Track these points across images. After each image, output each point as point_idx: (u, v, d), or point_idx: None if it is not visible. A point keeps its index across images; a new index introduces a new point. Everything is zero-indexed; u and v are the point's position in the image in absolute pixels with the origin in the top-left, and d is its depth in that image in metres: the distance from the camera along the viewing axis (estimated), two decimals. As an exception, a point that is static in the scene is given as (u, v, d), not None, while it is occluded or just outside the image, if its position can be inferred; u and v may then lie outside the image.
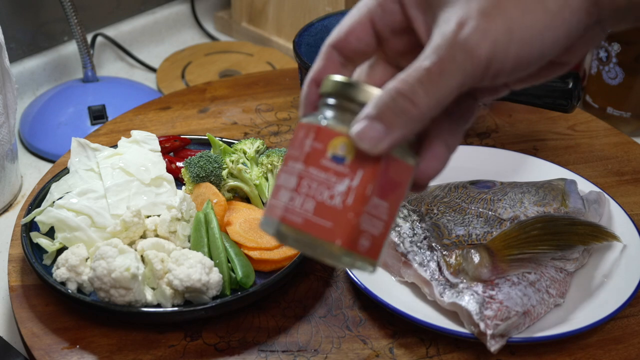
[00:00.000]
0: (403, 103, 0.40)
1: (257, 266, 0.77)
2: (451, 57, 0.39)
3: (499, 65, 0.40)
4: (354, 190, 0.42)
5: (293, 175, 0.43)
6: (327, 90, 0.44)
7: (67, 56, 1.23)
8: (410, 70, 0.40)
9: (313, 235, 0.42)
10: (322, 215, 0.42)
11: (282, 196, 0.43)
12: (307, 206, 0.42)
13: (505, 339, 0.69)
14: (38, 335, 0.72)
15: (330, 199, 0.42)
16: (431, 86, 0.40)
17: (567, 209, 0.81)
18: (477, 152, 0.93)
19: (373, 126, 0.41)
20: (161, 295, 0.73)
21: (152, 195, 0.81)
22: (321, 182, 0.42)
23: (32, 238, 0.78)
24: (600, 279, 0.77)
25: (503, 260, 0.74)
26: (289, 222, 0.43)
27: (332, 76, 0.45)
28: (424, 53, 0.40)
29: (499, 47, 0.39)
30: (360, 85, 0.43)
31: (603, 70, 1.08)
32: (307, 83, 0.47)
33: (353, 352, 0.72)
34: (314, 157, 0.42)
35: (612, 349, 0.72)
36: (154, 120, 1.04)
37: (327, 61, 0.46)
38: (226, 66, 1.27)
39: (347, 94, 0.43)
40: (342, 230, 0.42)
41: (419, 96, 0.40)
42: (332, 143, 0.42)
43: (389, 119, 0.41)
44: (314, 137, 0.43)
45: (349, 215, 0.42)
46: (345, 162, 0.42)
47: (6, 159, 0.92)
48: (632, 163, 0.98)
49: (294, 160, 0.43)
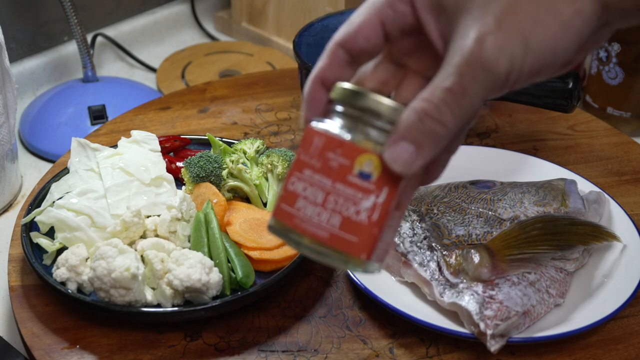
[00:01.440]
0: (431, 124, 0.41)
1: (257, 266, 0.77)
2: (473, 76, 0.40)
3: (515, 76, 0.41)
4: (380, 206, 0.43)
5: (317, 188, 0.44)
6: (349, 100, 0.44)
7: (67, 56, 1.23)
8: (433, 90, 0.41)
9: (338, 249, 0.43)
10: (348, 230, 0.43)
11: (304, 208, 0.44)
12: (333, 221, 0.43)
13: (505, 339, 0.69)
14: (38, 335, 0.72)
15: (356, 214, 0.43)
16: (456, 106, 0.41)
17: (567, 209, 0.81)
18: (477, 152, 0.93)
19: (405, 148, 0.41)
20: (161, 295, 0.73)
21: (152, 195, 0.81)
22: (347, 198, 0.43)
23: (32, 238, 0.78)
24: (600, 279, 0.77)
25: (503, 260, 0.74)
26: (313, 236, 0.44)
27: (352, 86, 0.45)
28: (444, 70, 0.41)
29: (516, 60, 0.40)
30: (385, 100, 0.43)
31: (603, 70, 1.08)
32: (312, 81, 0.46)
33: (353, 352, 0.72)
34: (341, 173, 0.43)
35: (612, 349, 0.72)
36: (154, 120, 1.04)
37: (332, 59, 0.46)
38: (226, 66, 1.27)
39: (372, 109, 0.43)
40: (367, 245, 0.43)
41: (446, 117, 0.41)
42: (359, 160, 0.43)
43: (420, 140, 0.41)
44: (340, 153, 0.43)
45: (374, 231, 0.43)
46: (371, 179, 0.43)
47: (6, 159, 0.92)
48: (632, 163, 0.98)
49: (317, 172, 0.44)
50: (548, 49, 0.41)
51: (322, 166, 0.44)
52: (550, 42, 0.40)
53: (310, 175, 0.44)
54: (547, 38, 0.40)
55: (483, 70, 0.40)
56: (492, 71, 0.40)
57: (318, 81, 0.46)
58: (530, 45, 0.40)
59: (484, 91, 0.40)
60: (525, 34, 0.40)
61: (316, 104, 0.46)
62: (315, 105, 0.46)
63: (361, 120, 0.44)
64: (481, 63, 0.40)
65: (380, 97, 0.44)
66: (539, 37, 0.40)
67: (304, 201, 0.44)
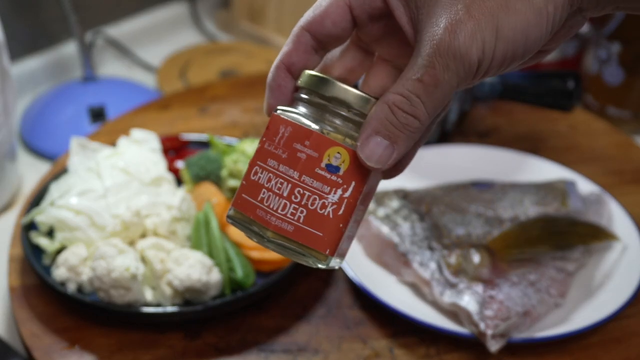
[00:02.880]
0: (405, 118, 0.40)
1: (257, 266, 0.77)
2: (445, 65, 0.39)
3: (487, 65, 0.40)
4: (346, 200, 0.42)
5: (282, 180, 0.42)
6: (316, 89, 0.43)
7: (66, 56, 1.23)
8: (405, 82, 0.40)
9: (302, 243, 0.42)
10: (313, 225, 0.42)
11: (268, 199, 0.42)
12: (298, 214, 0.42)
13: (505, 339, 0.69)
14: (38, 336, 0.72)
15: (322, 208, 0.42)
16: (429, 97, 0.40)
17: (567, 209, 0.81)
18: (477, 152, 0.93)
19: (379, 143, 0.41)
20: (161, 295, 0.73)
21: (152, 195, 0.81)
22: (314, 191, 0.42)
23: (32, 238, 0.78)
24: (600, 279, 0.77)
25: (503, 260, 0.74)
26: (278, 229, 0.42)
27: (321, 74, 0.43)
28: (415, 61, 0.40)
29: (487, 47, 0.39)
30: (354, 90, 0.42)
31: (603, 70, 1.08)
32: (276, 67, 0.44)
33: (353, 352, 0.72)
34: (308, 165, 0.42)
35: (613, 349, 0.72)
36: (154, 120, 1.04)
37: (298, 44, 0.44)
38: (226, 66, 1.27)
39: (342, 99, 0.42)
40: (332, 239, 0.42)
41: (419, 109, 0.40)
42: (328, 152, 0.42)
43: (394, 135, 0.41)
44: (309, 144, 0.42)
45: (340, 226, 0.42)
46: (339, 172, 0.42)
47: (6, 159, 0.92)
48: (632, 163, 0.98)
49: (282, 163, 0.42)
50: (520, 36, 0.40)
51: (288, 157, 0.42)
52: (522, 29, 0.39)
53: (275, 166, 0.43)
54: (518, 25, 0.39)
55: (454, 59, 0.39)
56: (463, 60, 0.39)
57: (283, 67, 0.44)
58: (501, 32, 0.39)
59: (456, 80, 0.40)
60: (496, 21, 0.39)
61: (281, 91, 0.45)
62: (280, 92, 0.45)
63: (329, 111, 0.43)
64: (452, 52, 0.39)
65: (349, 87, 0.42)
66: (510, 24, 0.39)
67: (268, 192, 0.43)
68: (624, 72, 1.06)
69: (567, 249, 0.76)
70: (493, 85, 0.96)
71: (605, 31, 1.05)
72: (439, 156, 0.92)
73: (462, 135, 1.02)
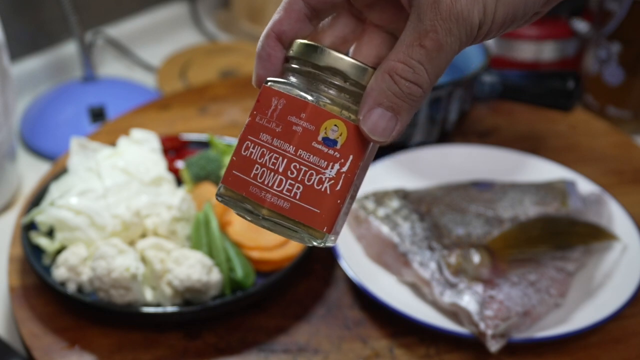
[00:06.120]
0: (408, 87, 0.39)
1: (257, 266, 0.77)
2: (448, 29, 0.38)
3: (487, 27, 0.39)
4: (344, 175, 0.40)
5: (277, 154, 0.40)
6: (310, 58, 0.41)
7: (66, 56, 1.23)
8: (405, 48, 0.38)
9: (299, 221, 0.40)
10: (310, 202, 0.40)
11: (262, 175, 0.40)
12: (294, 191, 0.40)
13: (505, 339, 0.69)
14: (37, 335, 0.72)
15: (318, 183, 0.40)
16: (431, 63, 0.38)
17: (567, 209, 0.81)
18: (477, 152, 0.93)
19: (383, 115, 0.39)
20: (161, 295, 0.73)
21: (152, 195, 0.81)
22: (310, 166, 0.40)
23: (32, 238, 0.78)
24: (600, 279, 0.77)
25: (503, 260, 0.74)
26: (273, 207, 0.40)
27: (314, 43, 0.41)
28: (414, 26, 0.38)
29: (488, 9, 0.38)
30: (350, 59, 0.40)
31: (603, 70, 1.08)
32: (266, 35, 0.42)
33: (353, 352, 0.72)
34: (304, 139, 0.40)
35: (612, 349, 0.72)
36: (154, 120, 1.04)
37: (290, 12, 0.42)
38: (226, 66, 1.27)
39: (338, 69, 0.40)
40: (329, 216, 0.40)
41: (422, 76, 0.38)
42: (325, 125, 0.40)
43: (397, 105, 0.39)
44: (305, 117, 0.40)
45: (337, 202, 0.40)
46: (336, 146, 0.40)
47: (5, 159, 0.92)
48: (632, 163, 0.98)
49: (276, 137, 0.40)
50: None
51: (283, 131, 0.40)
52: None
53: (268, 140, 0.40)
54: None
55: (457, 22, 0.38)
56: (465, 23, 0.38)
57: (273, 35, 0.42)
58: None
59: (458, 44, 0.38)
60: None
61: (271, 61, 0.42)
62: (271, 62, 0.43)
63: (324, 81, 0.40)
64: (455, 15, 0.37)
65: (345, 56, 0.40)
66: None
67: (261, 168, 0.40)
68: (624, 72, 1.06)
69: (567, 249, 0.76)
70: (493, 85, 0.96)
71: (605, 31, 1.05)
72: (439, 156, 0.92)
73: (462, 135, 1.02)
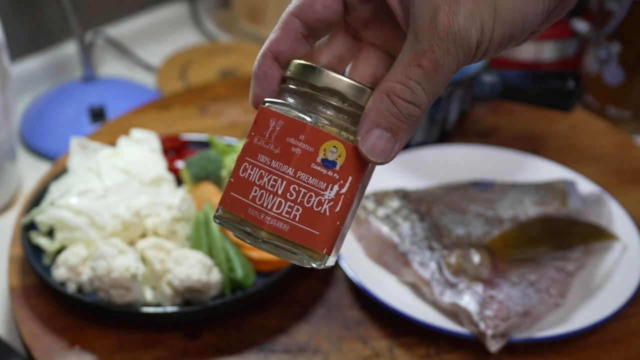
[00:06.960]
0: (406, 107, 0.38)
1: (257, 266, 0.77)
2: (445, 49, 0.38)
3: (485, 46, 0.39)
4: (343, 197, 0.40)
5: (276, 176, 0.40)
6: (307, 79, 0.40)
7: (66, 56, 1.23)
8: (403, 68, 0.38)
9: (299, 243, 0.40)
10: (309, 224, 0.40)
11: (261, 198, 0.40)
12: (294, 213, 0.40)
13: (505, 339, 0.69)
14: (37, 335, 0.72)
15: (318, 205, 0.40)
16: (429, 84, 0.38)
17: (567, 209, 0.81)
18: (477, 152, 0.93)
19: (382, 136, 0.39)
20: (161, 295, 0.73)
21: (152, 195, 0.81)
22: (310, 188, 0.40)
23: (32, 238, 0.78)
24: (600, 279, 0.77)
25: (503, 260, 0.74)
26: (272, 229, 0.40)
27: (312, 64, 0.41)
28: (412, 46, 0.38)
29: (486, 29, 0.38)
30: (348, 80, 0.40)
31: (603, 70, 1.08)
32: (263, 55, 0.42)
33: (353, 352, 0.72)
34: (303, 160, 0.39)
35: (612, 349, 0.72)
36: (154, 120, 1.04)
37: (287, 31, 0.42)
38: (226, 66, 1.27)
39: (335, 90, 0.40)
40: (329, 238, 0.40)
41: (420, 97, 0.38)
42: (324, 146, 0.39)
43: (395, 126, 0.39)
44: (304, 138, 0.39)
45: (337, 224, 0.40)
46: (335, 167, 0.40)
47: (5, 159, 0.92)
48: (632, 163, 0.98)
49: (275, 159, 0.40)
50: (518, 17, 0.38)
51: (281, 152, 0.40)
52: (520, 9, 0.38)
53: (267, 162, 0.40)
54: (516, 6, 0.38)
55: (455, 42, 0.37)
56: (463, 42, 0.37)
57: (270, 55, 0.42)
58: (500, 13, 0.38)
59: (456, 64, 0.38)
60: (494, 2, 0.38)
61: (268, 81, 0.42)
62: (267, 82, 0.43)
63: (322, 102, 0.40)
64: (452, 35, 0.37)
65: (343, 76, 0.40)
66: (508, 4, 0.38)
67: (260, 190, 0.40)
68: (624, 72, 1.06)
69: (567, 249, 0.76)
70: (493, 85, 0.96)
71: (605, 31, 1.05)
72: (439, 156, 0.92)
73: (462, 135, 1.02)
